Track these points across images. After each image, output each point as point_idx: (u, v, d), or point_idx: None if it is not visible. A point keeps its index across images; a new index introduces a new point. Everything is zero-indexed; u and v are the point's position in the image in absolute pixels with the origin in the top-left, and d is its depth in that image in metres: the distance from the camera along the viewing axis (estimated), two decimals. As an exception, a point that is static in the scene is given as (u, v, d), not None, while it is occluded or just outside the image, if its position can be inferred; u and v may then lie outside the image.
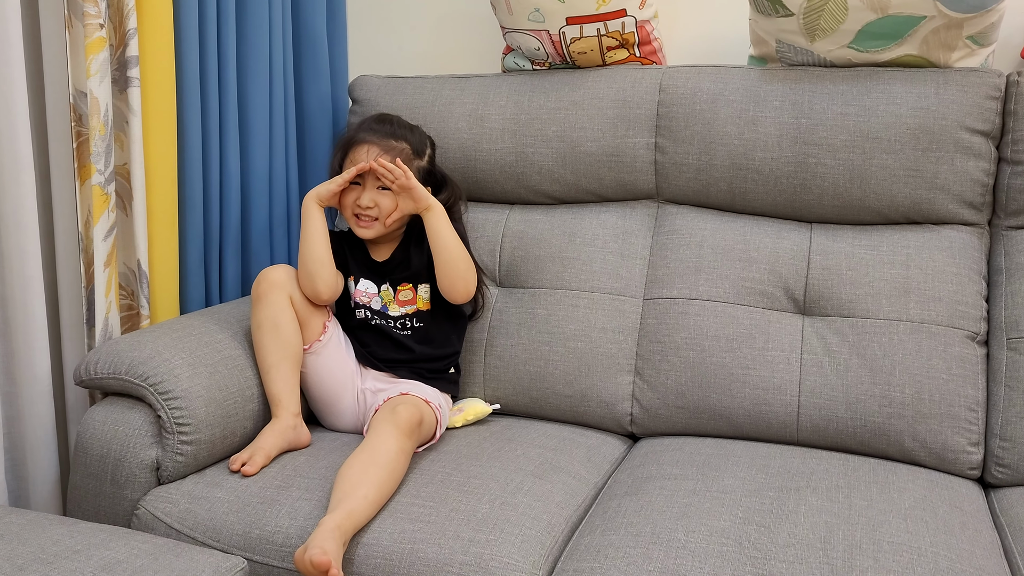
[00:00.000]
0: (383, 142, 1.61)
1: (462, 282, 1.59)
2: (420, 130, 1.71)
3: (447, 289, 1.59)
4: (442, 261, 1.58)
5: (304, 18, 1.95)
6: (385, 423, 1.38)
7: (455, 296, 1.60)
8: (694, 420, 1.59)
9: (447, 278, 1.59)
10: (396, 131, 1.64)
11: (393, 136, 1.63)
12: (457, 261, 1.59)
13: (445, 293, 1.60)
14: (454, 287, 1.59)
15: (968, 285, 1.53)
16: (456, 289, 1.59)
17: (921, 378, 1.48)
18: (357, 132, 1.64)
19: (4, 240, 1.42)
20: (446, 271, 1.58)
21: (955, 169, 1.55)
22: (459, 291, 1.60)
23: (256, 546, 1.27)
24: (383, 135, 1.62)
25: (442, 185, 1.72)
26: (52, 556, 1.06)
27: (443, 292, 1.60)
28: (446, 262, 1.58)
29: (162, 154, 1.61)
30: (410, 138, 1.65)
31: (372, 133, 1.62)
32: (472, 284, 1.61)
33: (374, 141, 1.60)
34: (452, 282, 1.59)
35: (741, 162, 1.64)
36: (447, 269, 1.58)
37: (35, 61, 1.48)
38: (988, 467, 1.47)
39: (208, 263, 1.77)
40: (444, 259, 1.58)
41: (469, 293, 1.61)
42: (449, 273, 1.58)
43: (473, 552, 1.20)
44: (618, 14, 1.70)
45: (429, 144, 1.71)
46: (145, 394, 1.38)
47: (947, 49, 1.56)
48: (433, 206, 1.59)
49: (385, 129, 1.64)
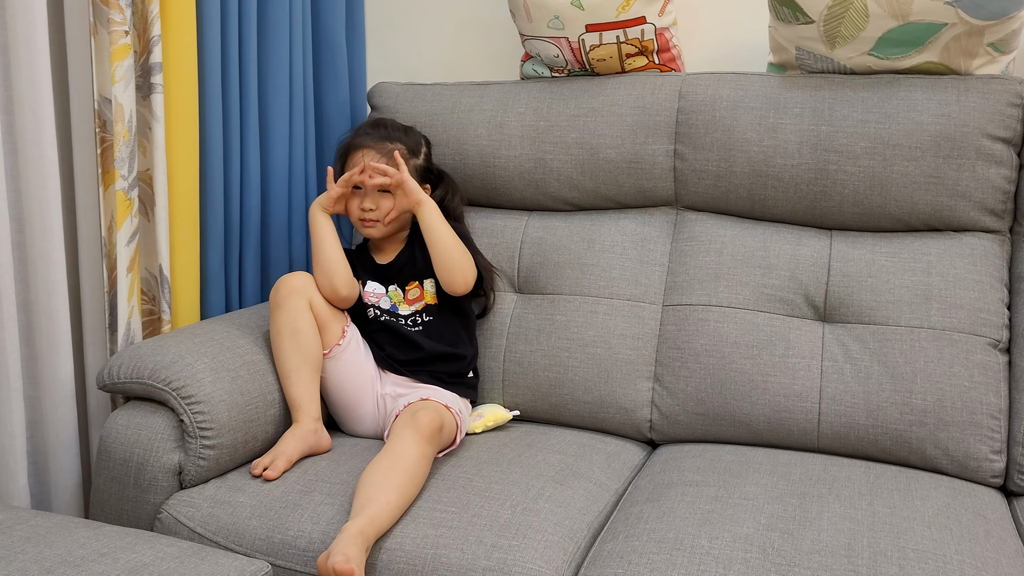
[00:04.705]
0: (378, 145, 1.66)
1: (459, 273, 1.62)
2: (415, 131, 1.77)
3: (446, 281, 1.62)
4: (437, 252, 1.61)
5: (323, 25, 1.96)
6: (406, 428, 1.39)
7: (454, 287, 1.63)
8: (714, 427, 1.59)
9: (444, 269, 1.61)
10: (391, 134, 1.69)
11: (388, 139, 1.68)
12: (451, 252, 1.61)
13: (445, 286, 1.63)
14: (452, 278, 1.62)
15: (990, 292, 1.53)
16: (454, 280, 1.62)
17: (943, 385, 1.47)
18: (353, 138, 1.69)
19: (29, 246, 1.43)
20: (442, 262, 1.61)
21: (976, 176, 1.54)
22: (457, 282, 1.62)
23: (279, 551, 1.27)
24: (378, 138, 1.67)
25: (439, 182, 1.77)
26: (79, 559, 1.06)
27: (443, 285, 1.63)
28: (440, 253, 1.61)
29: (184, 160, 1.62)
30: (404, 139, 1.70)
31: (367, 138, 1.67)
32: (470, 276, 1.64)
33: (370, 145, 1.65)
34: (449, 273, 1.61)
35: (761, 169, 1.64)
36: (443, 260, 1.61)
37: (61, 67, 1.49)
38: (1011, 475, 1.46)
39: (228, 268, 1.78)
40: (439, 251, 1.61)
41: (468, 284, 1.63)
42: (445, 264, 1.61)
43: (496, 557, 1.20)
44: (637, 21, 1.71)
45: (424, 143, 1.76)
46: (168, 398, 1.39)
47: (968, 56, 1.56)
48: (424, 201, 1.63)
49: (380, 133, 1.69)
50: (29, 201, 1.41)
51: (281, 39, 1.81)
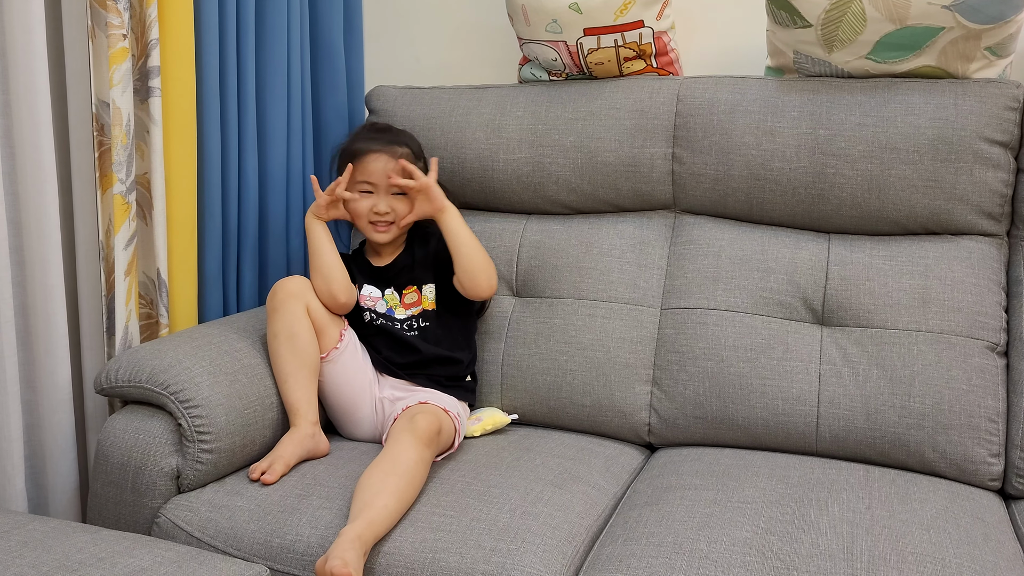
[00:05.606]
0: (389, 148, 1.66)
1: (484, 276, 1.62)
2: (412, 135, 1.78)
3: (470, 286, 1.62)
4: (464, 257, 1.61)
5: (321, 29, 1.96)
6: (404, 432, 1.39)
7: (479, 291, 1.63)
8: (712, 430, 1.59)
9: (469, 274, 1.61)
10: (397, 137, 1.71)
11: (396, 142, 1.68)
12: (477, 257, 1.62)
13: (468, 290, 1.63)
14: (476, 283, 1.62)
15: (987, 296, 1.53)
16: (479, 285, 1.62)
17: (941, 389, 1.47)
18: (359, 143, 1.68)
19: (27, 249, 1.43)
20: (468, 267, 1.61)
21: (974, 180, 1.55)
22: (482, 286, 1.63)
23: (277, 555, 1.27)
24: (386, 142, 1.67)
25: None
26: (77, 564, 1.06)
27: (466, 289, 1.63)
28: (466, 257, 1.61)
29: (182, 164, 1.62)
30: (410, 143, 1.72)
31: (375, 142, 1.67)
32: (494, 277, 1.65)
33: (381, 149, 1.65)
34: (474, 277, 1.62)
35: (759, 172, 1.64)
36: (470, 265, 1.61)
37: (58, 71, 1.49)
38: (1009, 478, 1.47)
39: (226, 272, 1.78)
40: (464, 255, 1.61)
41: (492, 287, 1.65)
42: (471, 269, 1.61)
43: (495, 561, 1.20)
44: (635, 25, 1.71)
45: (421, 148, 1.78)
46: (166, 402, 1.39)
47: (965, 60, 1.56)
48: (447, 207, 1.63)
49: (386, 136, 1.70)
50: (27, 205, 1.41)
51: (279, 43, 1.81)
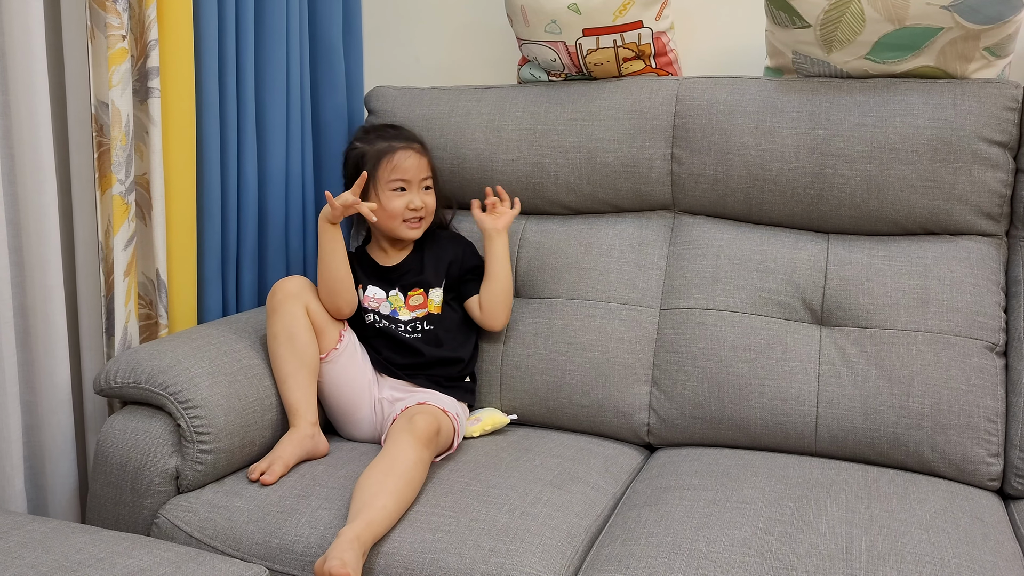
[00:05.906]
0: (414, 145, 1.69)
1: (505, 312, 1.68)
2: None
3: (490, 318, 1.67)
4: (497, 284, 1.66)
5: (320, 30, 1.96)
6: (403, 433, 1.39)
7: (494, 324, 1.68)
8: (711, 430, 1.59)
9: (493, 304, 1.66)
10: (411, 134, 1.75)
11: (413, 139, 1.73)
12: (508, 290, 1.67)
13: (485, 320, 1.67)
14: (497, 313, 1.67)
15: (986, 296, 1.53)
16: (497, 317, 1.67)
17: (940, 389, 1.47)
18: (382, 141, 1.68)
19: (26, 250, 1.43)
20: (496, 296, 1.66)
21: (972, 180, 1.55)
22: (500, 319, 1.68)
23: (276, 555, 1.27)
24: (407, 139, 1.71)
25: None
26: (76, 564, 1.06)
27: (483, 319, 1.67)
28: (499, 286, 1.66)
29: (181, 164, 1.62)
30: (421, 140, 1.74)
31: (398, 139, 1.69)
32: (509, 316, 1.69)
33: (408, 146, 1.68)
34: (497, 308, 1.66)
35: (758, 173, 1.64)
36: (499, 295, 1.66)
37: (58, 72, 1.49)
38: (1008, 478, 1.47)
39: (225, 273, 1.78)
40: (499, 285, 1.66)
41: (505, 324, 1.69)
42: (498, 300, 1.66)
43: (494, 562, 1.20)
44: (634, 26, 1.71)
45: None
46: (165, 403, 1.39)
47: (964, 60, 1.56)
48: (504, 231, 1.68)
49: (405, 133, 1.74)
50: (26, 205, 1.41)
51: (278, 43, 1.81)
